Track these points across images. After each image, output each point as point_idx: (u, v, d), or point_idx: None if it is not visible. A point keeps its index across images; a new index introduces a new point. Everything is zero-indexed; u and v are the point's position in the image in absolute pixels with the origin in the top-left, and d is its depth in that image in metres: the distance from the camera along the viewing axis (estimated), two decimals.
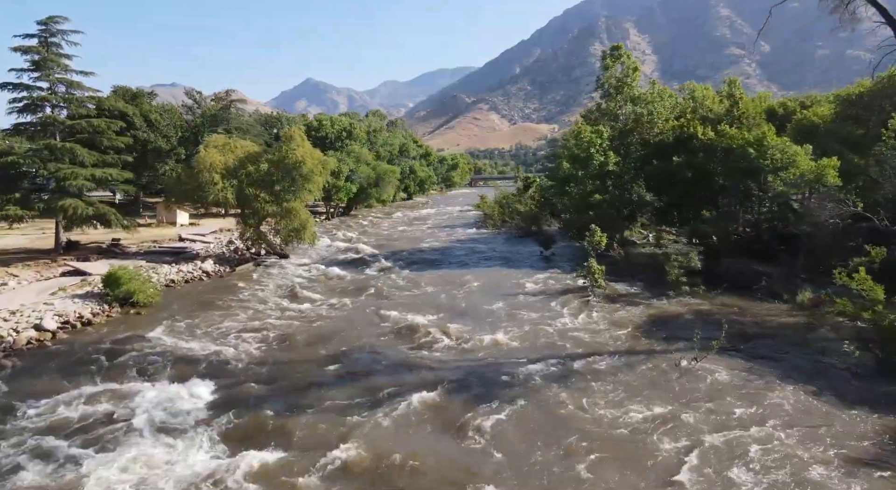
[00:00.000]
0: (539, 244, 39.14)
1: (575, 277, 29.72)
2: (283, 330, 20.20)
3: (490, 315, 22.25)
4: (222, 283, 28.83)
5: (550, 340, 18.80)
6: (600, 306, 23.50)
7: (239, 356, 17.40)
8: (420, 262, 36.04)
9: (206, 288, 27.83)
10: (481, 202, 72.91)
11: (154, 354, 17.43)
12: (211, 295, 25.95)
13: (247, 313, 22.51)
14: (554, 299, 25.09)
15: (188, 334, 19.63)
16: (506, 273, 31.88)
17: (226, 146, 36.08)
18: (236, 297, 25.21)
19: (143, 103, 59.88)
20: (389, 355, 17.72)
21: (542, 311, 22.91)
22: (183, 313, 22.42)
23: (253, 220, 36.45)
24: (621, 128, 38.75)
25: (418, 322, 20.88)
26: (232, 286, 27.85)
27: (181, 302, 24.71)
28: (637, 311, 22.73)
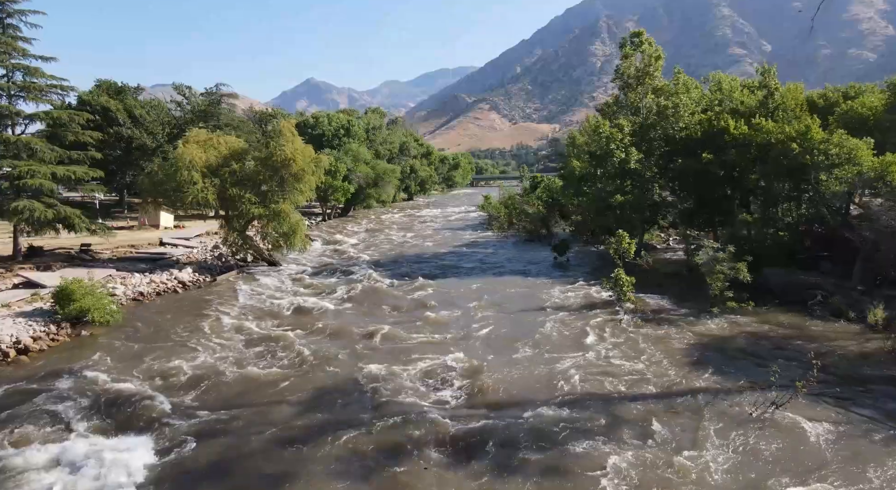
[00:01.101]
0: (552, 249, 35.69)
1: (599, 289, 26.35)
2: (245, 374, 15.81)
3: (506, 342, 18.62)
4: (197, 298, 25.35)
5: (583, 376, 15.31)
6: (633, 326, 20.06)
7: (185, 407, 13.63)
8: (422, 270, 32.60)
9: (177, 303, 24.35)
10: (485, 203, 69.55)
11: (88, 396, 14.01)
12: (179, 314, 22.45)
13: (208, 345, 18.26)
14: (578, 316, 21.65)
15: (136, 370, 16.09)
16: (518, 284, 28.45)
17: (208, 142, 32.63)
18: (204, 319, 21.38)
19: (129, 98, 56.57)
20: (372, 404, 13.94)
21: (567, 333, 19.47)
22: (140, 338, 18.91)
23: (238, 223, 33.03)
24: (641, 122, 35.30)
25: (417, 356, 17.24)
26: (205, 302, 24.31)
27: (145, 321, 21.29)
28: (677, 332, 19.29)
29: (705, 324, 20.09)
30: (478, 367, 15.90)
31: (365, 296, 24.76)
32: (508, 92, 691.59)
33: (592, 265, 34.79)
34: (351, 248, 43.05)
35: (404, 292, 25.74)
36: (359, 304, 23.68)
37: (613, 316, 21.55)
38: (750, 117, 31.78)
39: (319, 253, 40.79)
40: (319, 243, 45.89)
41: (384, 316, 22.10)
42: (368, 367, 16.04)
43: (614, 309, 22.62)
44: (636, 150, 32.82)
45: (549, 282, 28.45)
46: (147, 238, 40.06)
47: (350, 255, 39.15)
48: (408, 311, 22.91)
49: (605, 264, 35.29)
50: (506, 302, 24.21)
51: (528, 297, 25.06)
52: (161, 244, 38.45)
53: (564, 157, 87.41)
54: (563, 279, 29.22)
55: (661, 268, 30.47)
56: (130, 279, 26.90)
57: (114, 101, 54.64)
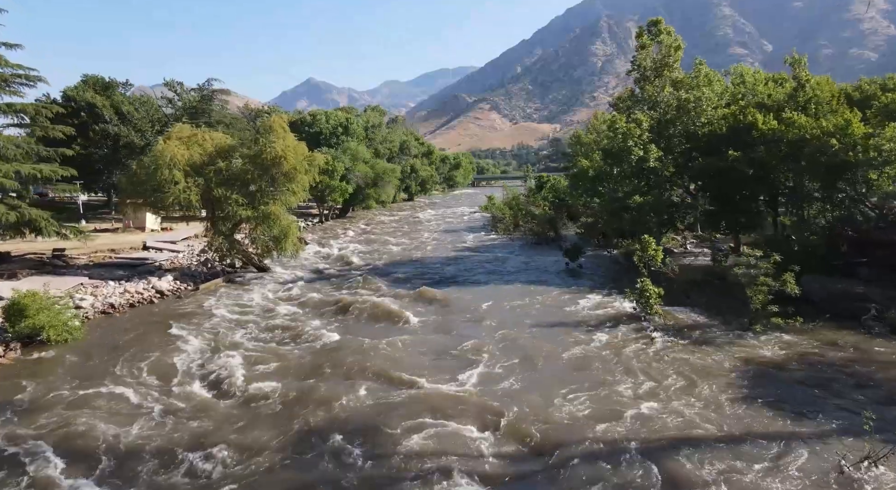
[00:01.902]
0: (564, 254, 33.17)
1: (620, 299, 23.84)
2: (209, 418, 12.91)
3: (525, 377, 15.72)
4: (172, 311, 22.73)
5: (622, 419, 12.66)
6: (667, 346, 17.53)
7: (129, 467, 10.85)
8: (423, 277, 30.08)
9: (148, 318, 21.73)
10: (489, 204, 67.08)
11: (17, 441, 11.47)
12: (149, 330, 19.80)
13: (149, 392, 14.65)
14: (602, 333, 19.13)
15: (81, 403, 13.57)
16: (530, 293, 25.92)
17: (192, 138, 30.12)
18: (175, 338, 18.81)
19: (116, 94, 54.08)
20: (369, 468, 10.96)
21: (594, 359, 16.89)
22: (86, 369, 16.10)
23: (224, 226, 30.52)
24: (659, 117, 32.79)
25: (421, 401, 13.65)
26: (181, 316, 21.68)
27: (110, 339, 18.77)
28: (719, 355, 16.76)
29: (750, 344, 17.56)
30: (498, 412, 13.18)
31: (358, 313, 22.04)
32: (509, 92, 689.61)
33: (607, 272, 32.29)
34: (348, 252, 40.54)
35: (403, 307, 23.08)
36: (350, 325, 20.79)
37: (642, 334, 19.02)
38: (779, 112, 29.33)
39: (314, 257, 38.28)
40: (315, 246, 43.41)
41: (378, 341, 18.91)
42: (354, 438, 13.45)
43: (641, 324, 20.11)
44: (655, 147, 30.30)
45: (564, 292, 25.91)
46: (130, 241, 37.57)
47: (346, 259, 36.63)
48: (408, 334, 20.14)
49: (620, 270, 32.85)
50: (519, 319, 21.63)
51: (544, 312, 22.49)
52: (144, 248, 36.00)
53: (569, 156, 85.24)
54: (578, 288, 26.69)
55: (685, 275, 27.94)
56: (103, 289, 24.41)
57: (100, 96, 52.20)
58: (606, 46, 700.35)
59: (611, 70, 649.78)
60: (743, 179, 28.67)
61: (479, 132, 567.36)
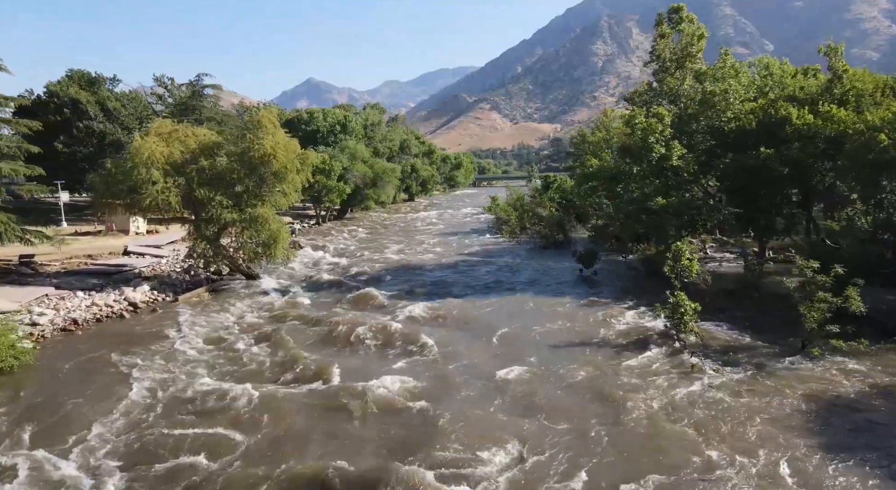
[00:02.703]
0: (577, 260, 30.61)
1: (643, 312, 21.35)
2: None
3: (545, 413, 13.07)
4: (140, 330, 20.08)
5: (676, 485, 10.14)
6: (713, 377, 14.95)
7: None
8: (424, 286, 27.55)
9: (112, 338, 19.11)
10: (493, 204, 64.52)
11: None
12: (99, 362, 16.98)
13: (122, 417, 12.91)
14: (632, 357, 16.60)
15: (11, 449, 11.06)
16: (544, 308, 23.39)
17: (173, 134, 27.60)
18: (120, 379, 15.59)
19: (102, 90, 51.52)
20: None
21: (628, 389, 14.37)
22: (40, 397, 13.73)
23: (208, 230, 27.99)
24: (680, 112, 30.28)
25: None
26: (145, 338, 19.05)
27: (64, 364, 16.26)
28: (776, 386, 14.21)
29: (811, 372, 15.02)
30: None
31: (350, 333, 19.26)
32: (509, 92, 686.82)
33: (625, 280, 29.78)
34: (344, 257, 38.02)
35: (405, 329, 20.44)
36: (346, 356, 17.79)
37: (678, 358, 16.49)
38: (812, 105, 26.85)
39: (308, 262, 35.75)
40: (310, 250, 40.89)
41: (372, 371, 16.03)
42: None
43: (674, 345, 17.59)
44: (678, 143, 27.77)
45: (582, 305, 23.38)
46: (111, 246, 35.06)
47: (342, 265, 34.11)
48: (406, 361, 17.41)
49: (638, 278, 30.32)
50: (529, 333, 19.13)
51: (561, 330, 19.92)
52: (125, 253, 33.50)
53: (574, 155, 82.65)
54: (595, 300, 24.15)
55: (714, 284, 25.40)
56: (68, 301, 21.89)
57: (85, 92, 49.66)
58: (607, 46, 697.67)
59: (611, 70, 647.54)
60: (776, 179, 26.16)
61: (479, 132, 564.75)
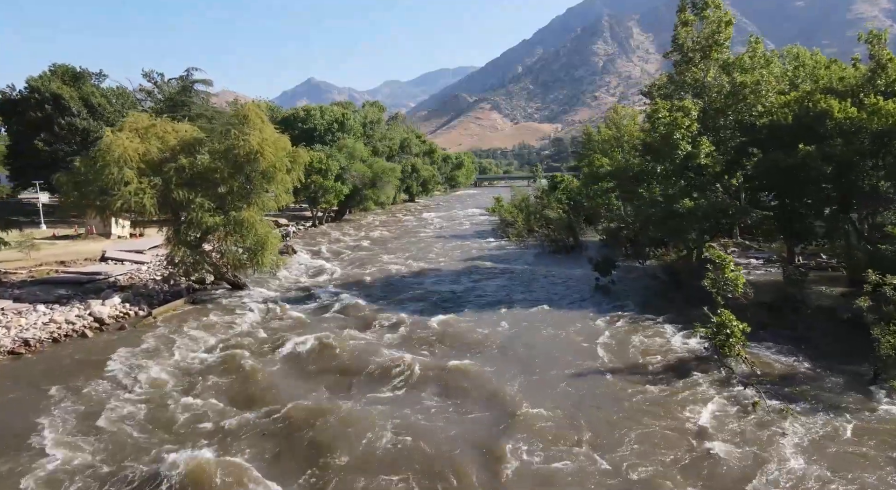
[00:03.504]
0: (593, 268, 28.02)
1: (674, 331, 18.83)
2: None
3: (585, 463, 10.80)
4: (102, 351, 17.37)
5: None
6: (775, 418, 12.40)
7: None
8: (427, 298, 24.98)
9: (67, 362, 16.53)
10: (497, 206, 62.00)
11: None
12: (52, 385, 14.58)
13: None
14: (674, 389, 14.06)
15: None
16: (560, 321, 20.87)
17: (150, 130, 25.06)
18: (73, 407, 13.52)
19: (87, 85, 48.98)
20: None
21: (678, 433, 11.86)
22: None
23: (189, 235, 25.45)
24: (704, 106, 27.74)
25: None
26: (97, 367, 16.20)
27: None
28: (854, 429, 11.68)
29: (889, 410, 12.47)
30: None
31: (342, 363, 16.56)
32: (510, 92, 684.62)
33: (645, 290, 27.23)
34: (340, 262, 35.50)
35: (403, 351, 17.89)
36: (328, 385, 15.06)
37: (729, 389, 13.95)
38: (854, 97, 24.35)
39: (301, 269, 33.23)
40: (304, 255, 38.40)
41: (369, 422, 12.86)
42: None
43: (720, 373, 15.06)
44: (706, 139, 25.23)
45: (603, 320, 20.82)
46: (88, 251, 32.51)
47: (337, 273, 31.58)
48: (408, 402, 14.73)
49: (660, 287, 27.76)
50: (556, 364, 16.53)
51: (586, 353, 17.33)
52: (102, 259, 30.96)
53: (579, 154, 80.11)
54: (618, 315, 21.59)
55: None
56: (24, 317, 19.35)
57: (68, 87, 47.14)
58: (608, 46, 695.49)
59: (612, 70, 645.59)
60: (815, 179, 23.64)
61: (479, 132, 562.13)
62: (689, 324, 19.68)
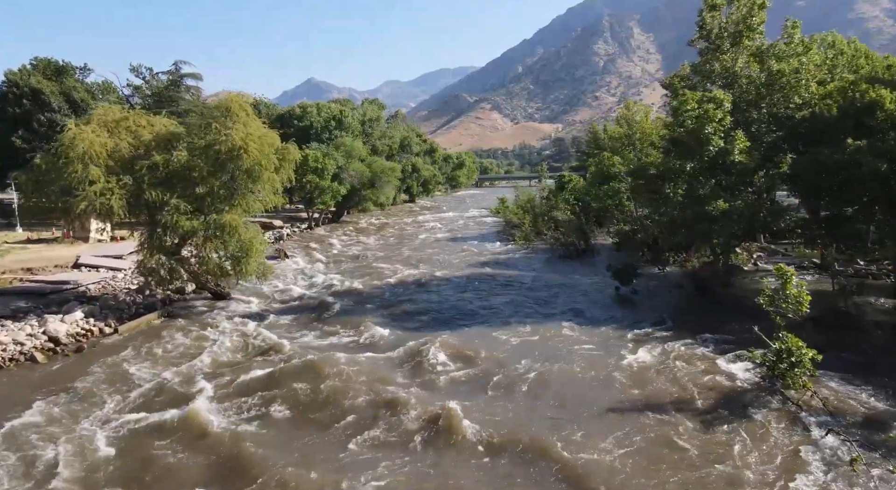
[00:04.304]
0: (612, 275, 25.45)
1: (712, 351, 16.27)
2: None
3: None
4: (47, 384, 14.81)
5: None
6: (872, 474, 9.88)
7: None
8: (429, 311, 22.40)
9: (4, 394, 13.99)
10: (501, 206, 59.57)
11: None
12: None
13: None
14: (733, 433, 11.50)
15: None
16: (582, 339, 18.32)
17: (121, 123, 22.47)
18: None
19: (69, 79, 46.43)
20: None
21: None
22: None
23: (165, 240, 22.88)
24: (735, 97, 25.17)
25: None
26: (38, 405, 13.50)
27: None
28: None
29: None
30: None
31: (327, 396, 13.85)
32: (510, 91, 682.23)
33: (671, 301, 24.69)
34: (335, 268, 32.94)
35: (404, 379, 15.43)
36: (311, 430, 12.56)
37: (802, 434, 11.40)
38: None
39: (292, 275, 30.69)
40: (297, 259, 35.84)
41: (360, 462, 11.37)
42: None
43: (784, 410, 12.51)
44: (741, 133, 22.66)
45: (629, 339, 18.27)
46: (60, 257, 29.95)
47: (331, 280, 29.01)
48: (410, 451, 12.37)
49: (686, 298, 25.17)
50: (584, 393, 14.01)
51: (617, 379, 14.75)
52: (76, 266, 28.38)
53: (586, 153, 77.51)
54: (645, 331, 19.02)
55: None
56: None
57: (49, 82, 44.60)
58: (608, 46, 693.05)
59: (613, 70, 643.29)
60: (866, 177, 21.08)
61: (480, 132, 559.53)
62: (729, 343, 17.23)
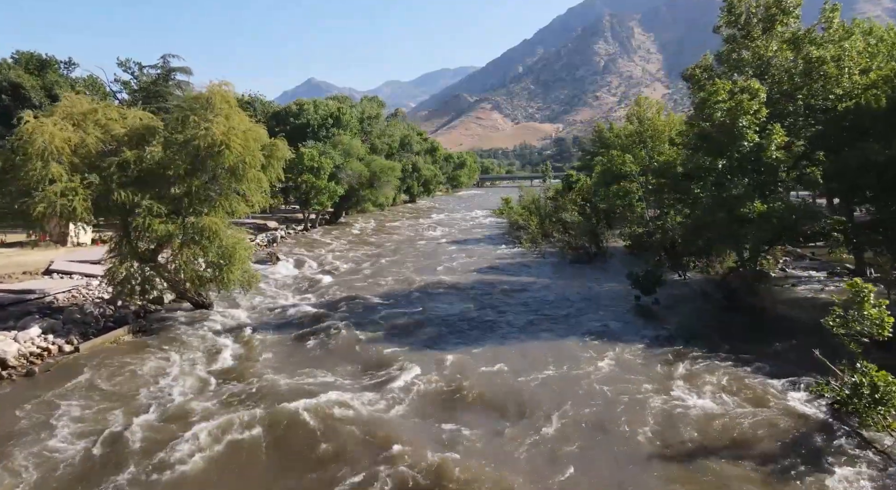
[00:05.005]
0: (633, 283, 23.15)
1: (761, 379, 14.01)
2: None
3: None
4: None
5: None
6: None
7: None
8: (430, 325, 20.10)
9: None
10: (505, 207, 57.34)
11: None
12: None
13: None
14: None
15: None
16: (603, 361, 16.05)
17: (89, 116, 20.19)
18: None
19: (51, 74, 44.18)
20: None
21: None
22: None
23: (139, 246, 20.64)
24: (767, 88, 22.88)
25: None
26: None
27: None
28: None
29: None
30: None
31: (310, 445, 11.66)
32: (510, 91, 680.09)
33: (698, 312, 22.41)
34: (330, 274, 30.67)
35: (396, 414, 13.21)
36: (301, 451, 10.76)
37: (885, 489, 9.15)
38: None
39: (283, 281, 28.43)
40: (289, 264, 33.59)
41: None
42: None
43: (859, 453, 10.28)
44: (779, 127, 20.37)
45: (660, 359, 16.02)
46: (32, 262, 27.68)
47: (325, 288, 26.77)
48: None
49: (713, 309, 22.81)
50: (616, 438, 11.77)
51: (648, 419, 12.51)
52: (47, 272, 26.14)
53: (591, 152, 75.18)
54: (676, 350, 16.76)
55: None
56: None
57: (30, 76, 42.36)
58: (609, 45, 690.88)
59: (613, 70, 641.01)
60: None
61: (480, 132, 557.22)
62: (779, 366, 14.98)
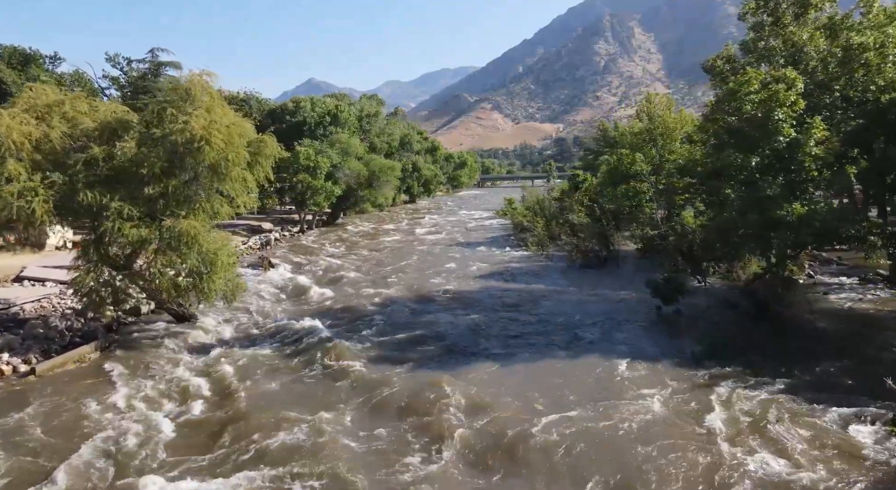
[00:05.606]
0: (652, 292, 21.18)
1: (811, 412, 12.10)
2: None
3: None
4: None
5: None
6: None
7: None
8: (433, 341, 18.15)
9: None
10: (508, 208, 55.41)
11: None
12: None
13: None
14: None
15: None
16: (634, 387, 14.10)
17: (54, 109, 18.25)
18: None
19: (34, 69, 42.26)
20: None
21: None
22: None
23: (113, 249, 18.71)
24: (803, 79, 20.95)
25: None
26: None
27: None
28: None
29: None
30: None
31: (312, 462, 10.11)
32: (511, 91, 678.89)
33: (725, 325, 20.40)
34: (325, 281, 28.74)
35: (396, 453, 11.32)
36: None
37: None
38: None
39: (274, 289, 26.47)
40: (283, 269, 31.63)
41: None
42: None
43: None
44: (819, 121, 18.43)
45: (692, 382, 14.10)
46: (3, 268, 25.74)
47: (319, 296, 24.83)
48: None
49: (741, 320, 20.76)
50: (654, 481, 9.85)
51: (695, 459, 10.61)
52: (18, 279, 24.22)
53: (595, 151, 73.29)
54: (710, 370, 14.81)
55: (876, 335, 16.07)
56: None
57: (12, 71, 40.45)
58: (609, 45, 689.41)
59: (614, 69, 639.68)
60: None
61: (481, 132, 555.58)
62: (828, 390, 13.11)
